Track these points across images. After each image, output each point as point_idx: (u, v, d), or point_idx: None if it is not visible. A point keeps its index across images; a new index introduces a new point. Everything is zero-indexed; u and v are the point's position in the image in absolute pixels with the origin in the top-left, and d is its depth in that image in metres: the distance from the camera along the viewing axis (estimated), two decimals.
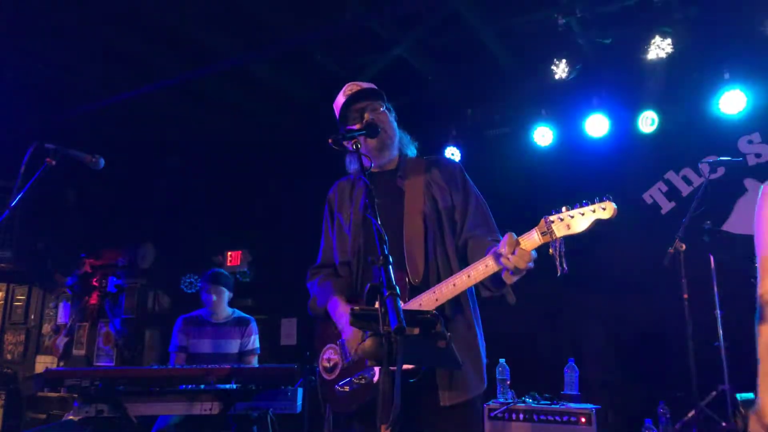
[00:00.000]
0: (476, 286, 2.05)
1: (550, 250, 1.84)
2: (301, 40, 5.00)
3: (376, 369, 2.02)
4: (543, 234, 1.83)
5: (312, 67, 5.52)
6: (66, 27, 4.82)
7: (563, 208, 1.83)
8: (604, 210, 1.78)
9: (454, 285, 1.99)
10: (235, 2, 4.65)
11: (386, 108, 2.33)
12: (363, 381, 2.04)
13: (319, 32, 4.92)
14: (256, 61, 5.38)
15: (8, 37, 4.92)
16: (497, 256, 1.88)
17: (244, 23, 4.91)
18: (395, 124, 2.36)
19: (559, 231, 1.81)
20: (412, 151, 2.43)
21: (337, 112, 2.38)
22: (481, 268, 1.95)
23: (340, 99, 2.34)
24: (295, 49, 5.15)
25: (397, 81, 5.14)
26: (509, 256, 1.83)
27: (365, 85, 2.33)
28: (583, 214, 1.79)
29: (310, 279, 2.42)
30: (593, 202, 1.80)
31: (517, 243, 1.85)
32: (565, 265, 1.80)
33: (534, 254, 1.86)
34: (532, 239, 1.85)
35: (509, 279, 1.90)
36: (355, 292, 2.23)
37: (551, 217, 1.83)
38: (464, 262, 2.13)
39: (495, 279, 1.96)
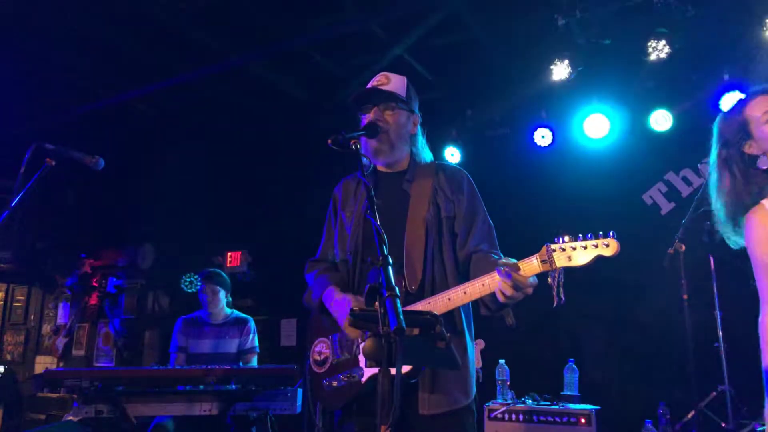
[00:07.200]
0: (475, 302, 2.03)
1: (549, 279, 1.81)
2: (300, 40, 5.00)
3: (365, 369, 2.03)
4: (543, 262, 1.81)
5: (312, 67, 5.52)
6: (66, 27, 4.82)
7: (566, 237, 1.79)
8: (607, 247, 1.75)
9: (449, 299, 1.97)
10: (235, 2, 4.64)
11: (402, 108, 2.27)
12: (351, 379, 2.04)
13: (319, 32, 4.92)
14: (255, 61, 5.38)
15: (8, 37, 4.92)
16: (500, 276, 1.85)
17: (243, 23, 4.90)
18: (408, 126, 2.31)
19: (560, 261, 1.79)
20: (426, 155, 2.38)
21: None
22: (478, 286, 1.93)
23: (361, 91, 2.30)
24: (294, 49, 5.15)
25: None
26: (512, 277, 1.81)
27: (392, 79, 2.28)
28: (585, 248, 1.76)
29: (307, 271, 2.41)
30: (597, 237, 1.76)
31: (517, 268, 1.82)
32: (562, 296, 1.78)
33: (533, 280, 1.84)
34: (531, 266, 1.83)
35: (502, 298, 1.87)
36: (352, 289, 2.22)
37: (553, 246, 1.80)
38: (463, 276, 2.11)
39: (493, 298, 1.94)
